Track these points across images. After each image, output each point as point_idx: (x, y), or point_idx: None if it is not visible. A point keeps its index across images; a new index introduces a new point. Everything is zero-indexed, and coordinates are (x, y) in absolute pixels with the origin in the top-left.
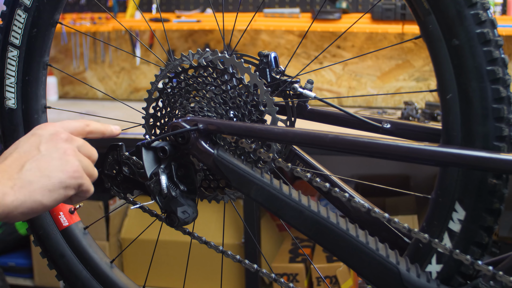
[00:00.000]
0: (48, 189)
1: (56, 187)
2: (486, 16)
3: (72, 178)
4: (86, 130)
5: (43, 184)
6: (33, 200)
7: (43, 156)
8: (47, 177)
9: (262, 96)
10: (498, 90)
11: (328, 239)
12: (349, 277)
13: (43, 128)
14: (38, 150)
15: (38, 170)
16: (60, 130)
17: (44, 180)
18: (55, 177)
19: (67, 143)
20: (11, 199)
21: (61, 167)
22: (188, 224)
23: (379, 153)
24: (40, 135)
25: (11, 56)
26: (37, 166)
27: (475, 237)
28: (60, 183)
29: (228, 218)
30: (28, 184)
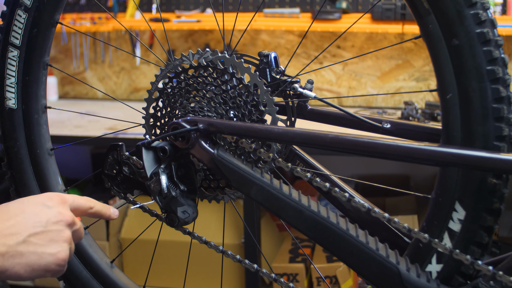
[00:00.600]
0: (33, 268)
1: (41, 268)
2: (486, 16)
3: (58, 266)
4: (89, 212)
5: (31, 261)
6: (14, 271)
7: (44, 233)
8: (38, 256)
9: (262, 96)
10: (498, 90)
11: (328, 239)
12: (349, 277)
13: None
14: (41, 225)
15: (34, 245)
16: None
17: (34, 258)
18: (45, 259)
19: (69, 228)
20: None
21: (54, 250)
22: (188, 224)
23: (379, 153)
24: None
25: (11, 56)
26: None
27: (475, 237)
28: (46, 266)
29: (228, 218)
30: (18, 256)
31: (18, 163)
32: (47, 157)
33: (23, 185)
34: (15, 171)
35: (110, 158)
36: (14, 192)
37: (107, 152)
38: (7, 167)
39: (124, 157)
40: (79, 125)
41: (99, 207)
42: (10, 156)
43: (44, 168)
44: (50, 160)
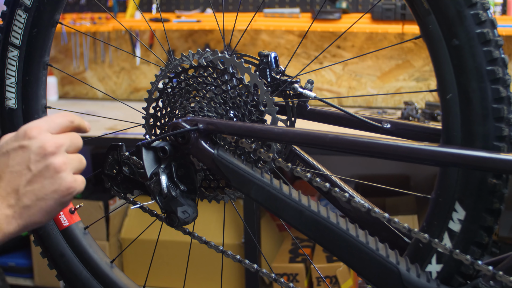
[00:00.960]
0: (46, 211)
1: (53, 208)
2: (486, 16)
3: (66, 195)
4: (73, 126)
5: (41, 207)
6: (33, 222)
7: (34, 176)
8: (43, 200)
9: (262, 96)
10: (498, 90)
11: (328, 239)
12: (349, 277)
13: (31, 137)
14: (29, 170)
15: (33, 193)
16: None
17: (41, 203)
18: (51, 198)
19: (56, 157)
20: (13, 227)
21: (54, 186)
22: (188, 224)
23: (379, 153)
24: (29, 149)
25: (11, 56)
26: (31, 190)
27: (475, 237)
28: (56, 203)
29: (228, 218)
30: (27, 210)
31: None
32: None
33: None
34: None
35: (110, 158)
36: None
37: (107, 152)
38: None
39: (124, 157)
40: None
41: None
42: None
43: None
44: None
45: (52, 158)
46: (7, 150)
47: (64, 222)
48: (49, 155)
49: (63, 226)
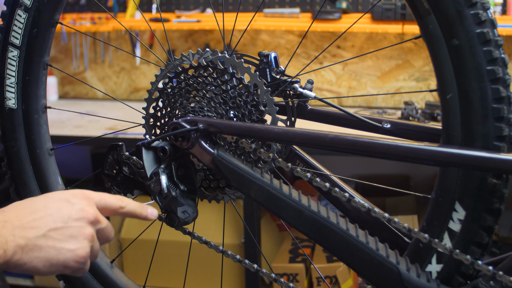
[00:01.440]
0: (51, 263)
1: (59, 264)
2: (486, 16)
3: (76, 262)
4: (120, 212)
5: (49, 256)
6: (33, 265)
7: (64, 229)
8: (57, 251)
9: (262, 96)
10: (498, 90)
11: (328, 239)
12: (349, 277)
13: (78, 199)
14: (62, 221)
15: (53, 240)
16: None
17: (53, 252)
18: (63, 255)
19: (91, 226)
20: (17, 258)
21: (74, 247)
22: (188, 224)
23: (379, 153)
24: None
25: (11, 56)
26: (53, 236)
27: (475, 237)
28: (64, 262)
29: (228, 218)
30: (37, 250)
31: (18, 163)
32: (47, 157)
33: (23, 185)
34: (15, 171)
35: (110, 158)
36: (14, 192)
37: (107, 152)
38: (7, 167)
39: (124, 157)
40: (79, 125)
41: (132, 206)
42: (10, 156)
43: (44, 168)
44: (50, 160)
45: (87, 224)
46: (53, 198)
47: None
48: (86, 220)
49: None
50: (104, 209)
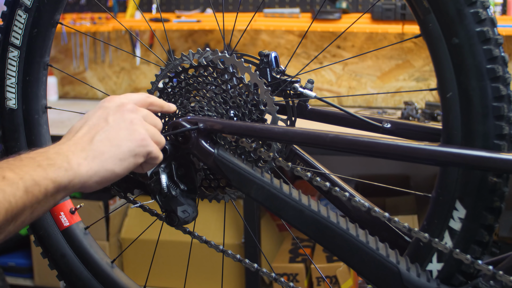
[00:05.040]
0: (119, 158)
1: (126, 156)
2: (485, 14)
3: (140, 146)
4: (148, 101)
5: (114, 154)
6: (105, 169)
7: (111, 127)
8: (117, 147)
9: (263, 96)
10: (498, 88)
11: (328, 239)
12: (349, 277)
13: (109, 101)
14: (106, 122)
15: (108, 140)
16: (125, 101)
17: (115, 149)
18: (124, 146)
19: (133, 113)
20: (85, 169)
21: (129, 136)
22: (188, 223)
23: (379, 153)
24: (107, 107)
25: (11, 56)
26: (106, 137)
27: (475, 236)
28: (130, 152)
29: (228, 217)
30: (100, 154)
31: None
32: None
33: None
34: None
35: None
36: None
37: None
38: None
39: None
40: None
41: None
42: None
43: None
44: None
45: (129, 113)
46: (88, 113)
47: (65, 222)
48: (126, 111)
49: (64, 226)
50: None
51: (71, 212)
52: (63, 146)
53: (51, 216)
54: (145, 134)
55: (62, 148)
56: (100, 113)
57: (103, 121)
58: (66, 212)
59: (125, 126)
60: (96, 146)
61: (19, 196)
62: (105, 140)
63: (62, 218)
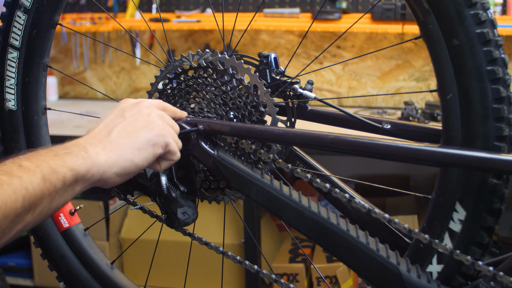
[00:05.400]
0: (137, 148)
1: (145, 145)
2: (486, 16)
3: (158, 136)
4: (162, 105)
5: (132, 143)
6: (124, 158)
7: (128, 121)
8: (135, 137)
9: (262, 97)
10: (498, 90)
11: (328, 240)
12: (349, 277)
13: (125, 102)
14: (123, 117)
15: (126, 132)
16: (141, 100)
17: (133, 139)
18: (143, 135)
19: (148, 109)
20: (104, 158)
21: (147, 126)
22: (188, 225)
23: (379, 154)
24: (123, 106)
25: (11, 57)
26: (124, 129)
27: (475, 237)
28: (148, 141)
29: (228, 218)
30: (118, 145)
31: None
32: None
33: None
34: None
35: None
36: None
37: None
38: None
39: None
40: (79, 125)
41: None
42: None
43: None
44: None
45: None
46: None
47: (64, 224)
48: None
49: (63, 228)
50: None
51: (70, 214)
52: (80, 140)
53: (51, 218)
54: (163, 125)
55: (79, 141)
56: (116, 112)
57: (120, 117)
58: (65, 213)
59: (142, 118)
60: (114, 137)
61: (37, 183)
62: (122, 131)
63: (62, 220)
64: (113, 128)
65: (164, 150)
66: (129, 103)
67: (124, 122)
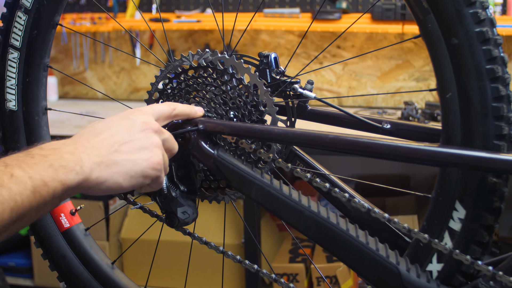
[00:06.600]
0: (130, 175)
1: (138, 175)
2: (485, 14)
3: (153, 170)
4: (173, 114)
5: (127, 168)
6: (114, 181)
7: (132, 142)
8: (132, 163)
9: (262, 97)
10: (498, 88)
11: (328, 240)
12: (349, 277)
13: (136, 115)
14: (129, 134)
15: (126, 153)
16: (151, 120)
17: (129, 164)
18: (140, 165)
19: (156, 135)
20: (96, 175)
21: (147, 156)
22: (188, 224)
23: (379, 154)
24: (133, 120)
25: (11, 58)
26: (125, 150)
27: (475, 236)
28: (142, 172)
29: (228, 218)
30: (114, 165)
31: None
32: None
33: None
34: None
35: None
36: None
37: None
38: None
39: None
40: (79, 125)
41: (181, 107)
42: None
43: None
44: None
45: (152, 133)
46: (112, 119)
47: (65, 224)
48: (150, 130)
49: (64, 228)
50: (159, 118)
51: (71, 214)
52: (79, 147)
53: (51, 218)
54: (161, 159)
55: (78, 149)
56: (125, 124)
57: (126, 133)
58: (66, 213)
59: (146, 145)
60: (113, 155)
61: (26, 196)
62: (123, 152)
63: (63, 220)
64: (115, 143)
65: (151, 182)
66: (140, 120)
67: (128, 141)
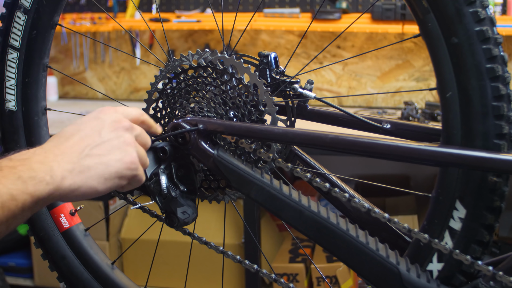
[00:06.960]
0: (104, 177)
1: (112, 176)
2: (485, 14)
3: (128, 169)
4: (140, 119)
5: (101, 172)
6: (88, 186)
7: (103, 143)
8: (105, 165)
9: (262, 96)
10: (498, 87)
11: (328, 240)
12: (349, 277)
13: (106, 113)
14: (99, 136)
15: (98, 156)
16: (121, 117)
17: (102, 167)
18: (113, 166)
19: (127, 132)
20: (68, 183)
21: (119, 156)
22: (188, 224)
23: (379, 154)
24: (103, 120)
25: (11, 58)
26: (96, 152)
27: (476, 235)
28: (116, 173)
29: (228, 218)
30: (87, 170)
31: None
32: None
33: None
34: None
35: None
36: None
37: None
38: None
39: None
40: None
41: (147, 116)
42: None
43: None
44: None
45: (123, 132)
46: (82, 121)
47: (65, 224)
48: (121, 128)
49: (64, 228)
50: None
51: (71, 214)
52: (49, 155)
53: (51, 218)
54: (135, 157)
55: (47, 157)
56: (94, 125)
57: (97, 135)
58: (66, 214)
59: (117, 144)
60: (84, 161)
61: None
62: (95, 155)
63: (62, 220)
64: (86, 147)
65: (129, 181)
66: (110, 118)
67: (99, 142)
